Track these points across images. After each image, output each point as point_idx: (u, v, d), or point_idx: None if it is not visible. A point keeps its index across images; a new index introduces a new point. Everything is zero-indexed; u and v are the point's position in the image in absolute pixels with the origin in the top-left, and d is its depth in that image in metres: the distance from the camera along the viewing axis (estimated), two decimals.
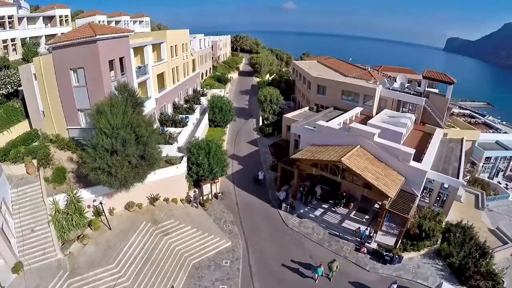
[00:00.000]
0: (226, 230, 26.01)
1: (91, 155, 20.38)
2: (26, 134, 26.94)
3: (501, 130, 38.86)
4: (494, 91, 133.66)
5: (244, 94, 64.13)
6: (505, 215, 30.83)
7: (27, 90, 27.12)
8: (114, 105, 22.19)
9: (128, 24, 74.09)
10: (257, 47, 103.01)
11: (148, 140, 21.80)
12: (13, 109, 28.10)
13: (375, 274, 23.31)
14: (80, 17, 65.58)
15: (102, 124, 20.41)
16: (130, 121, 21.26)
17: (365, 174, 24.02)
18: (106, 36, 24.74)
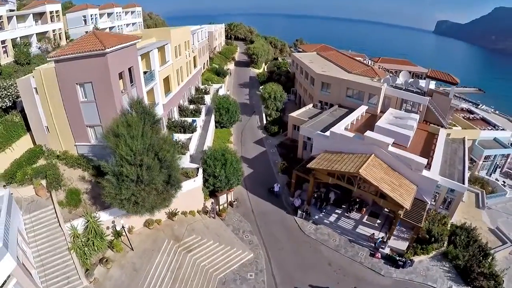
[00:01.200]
0: (246, 241, 26.76)
1: (114, 185, 19.99)
2: (31, 151, 25.96)
3: (499, 127, 40.34)
4: (484, 75, 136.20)
5: (243, 87, 63.25)
6: (503, 213, 32.86)
7: (27, 104, 25.88)
8: (130, 125, 21.55)
9: (120, 16, 71.22)
10: (251, 34, 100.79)
11: (172, 164, 21.59)
12: (13, 124, 26.85)
13: (390, 278, 24.84)
14: (71, 11, 62.42)
15: (123, 150, 19.83)
16: (152, 143, 20.90)
17: (382, 186, 24.93)
18: (115, 48, 23.50)
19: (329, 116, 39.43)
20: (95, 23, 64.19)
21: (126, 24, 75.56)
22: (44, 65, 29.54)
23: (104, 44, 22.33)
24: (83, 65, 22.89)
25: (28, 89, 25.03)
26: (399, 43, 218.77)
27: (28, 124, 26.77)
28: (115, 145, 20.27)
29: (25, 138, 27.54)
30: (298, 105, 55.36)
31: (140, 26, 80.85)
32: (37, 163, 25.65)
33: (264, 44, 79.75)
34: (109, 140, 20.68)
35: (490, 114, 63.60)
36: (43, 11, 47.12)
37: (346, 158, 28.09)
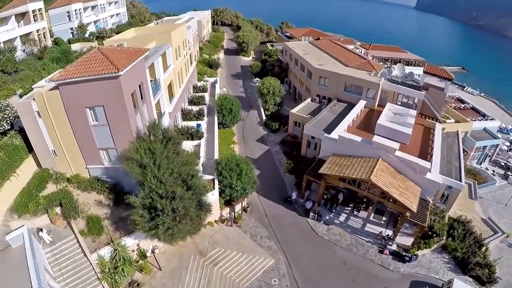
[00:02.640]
0: (265, 247, 28.15)
1: (146, 219, 20.11)
2: (38, 177, 25.10)
3: (488, 117, 42.82)
4: (467, 53, 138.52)
5: (236, 78, 62.44)
6: (493, 202, 35.93)
7: (30, 128, 24.63)
8: (154, 152, 21.45)
9: (104, 8, 67.35)
10: (237, 20, 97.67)
11: (200, 188, 21.95)
12: (14, 148, 25.58)
13: (398, 273, 27.26)
14: (54, 6, 58.28)
15: (153, 183, 19.82)
16: (179, 171, 21.06)
17: (391, 191, 26.63)
18: (127, 68, 22.30)
19: (330, 112, 40.37)
20: (80, 18, 60.79)
21: (110, 16, 71.75)
22: (42, 82, 28.12)
23: (116, 66, 21.21)
24: (92, 88, 21.78)
25: (29, 112, 23.72)
26: (381, 20, 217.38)
27: (29, 143, 25.56)
28: (141, 177, 20.26)
29: (28, 161, 26.51)
30: (293, 95, 55.84)
31: (124, 16, 76.87)
32: (46, 187, 25.01)
33: (252, 30, 78.14)
34: (133, 171, 20.54)
35: (475, 96, 67.15)
36: (25, 11, 43.92)
37: (356, 162, 29.44)
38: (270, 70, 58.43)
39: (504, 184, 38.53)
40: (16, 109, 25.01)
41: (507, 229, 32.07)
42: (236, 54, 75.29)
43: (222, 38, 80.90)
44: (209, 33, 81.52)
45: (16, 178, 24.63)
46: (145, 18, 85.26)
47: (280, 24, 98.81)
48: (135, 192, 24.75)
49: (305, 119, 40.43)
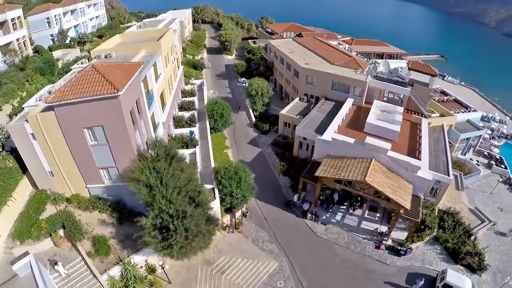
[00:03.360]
0: (267, 251, 28.87)
1: (158, 239, 20.29)
2: (36, 199, 24.75)
3: (471, 108, 44.72)
4: (445, 40, 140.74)
5: (221, 79, 62.05)
6: (478, 191, 37.89)
7: (24, 150, 24.24)
8: (159, 171, 21.64)
9: (83, 11, 65.45)
10: (217, 17, 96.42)
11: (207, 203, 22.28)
12: (8, 170, 25.08)
13: (395, 266, 28.62)
14: (33, 13, 56.19)
15: (162, 203, 20.01)
16: (186, 188, 21.34)
17: (386, 191, 27.77)
18: (126, 87, 22.21)
19: (319, 112, 41.14)
20: (60, 24, 58.97)
21: (90, 19, 69.88)
22: (31, 100, 27.57)
23: (115, 86, 20.99)
24: (90, 109, 21.44)
25: (23, 135, 23.36)
26: (359, 11, 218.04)
27: (22, 163, 25.09)
28: (149, 198, 20.39)
29: (23, 182, 26.14)
30: (279, 93, 56.24)
31: (103, 18, 74.83)
32: (45, 209, 24.73)
33: (234, 28, 77.47)
34: (141, 192, 20.65)
35: (456, 85, 69.54)
36: (3, 20, 42.26)
37: (350, 164, 30.40)
38: (255, 69, 58.56)
39: (488, 173, 40.61)
40: (8, 131, 24.53)
41: (493, 217, 34.07)
42: (219, 53, 74.70)
43: (204, 36, 79.90)
44: (191, 33, 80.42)
45: (13, 202, 24.29)
46: (124, 19, 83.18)
47: (260, 19, 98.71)
48: (139, 209, 25.21)
49: (295, 119, 41.12)
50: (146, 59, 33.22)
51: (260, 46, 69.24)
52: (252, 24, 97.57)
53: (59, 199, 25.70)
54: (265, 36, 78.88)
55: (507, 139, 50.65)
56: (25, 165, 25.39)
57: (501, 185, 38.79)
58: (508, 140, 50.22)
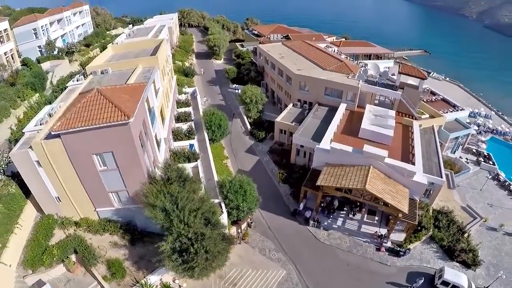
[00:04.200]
0: (275, 260, 29.86)
1: (178, 262, 20.83)
2: (44, 225, 24.80)
3: (459, 107, 46.62)
4: (427, 35, 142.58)
5: (212, 85, 62.12)
6: (469, 188, 39.79)
7: (29, 177, 24.22)
8: (173, 195, 21.99)
9: (70, 20, 64.29)
10: (203, 20, 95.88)
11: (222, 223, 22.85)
12: (11, 197, 25.06)
13: (395, 267, 30.13)
14: (18, 24, 55.04)
15: (180, 227, 20.56)
16: (201, 210, 21.89)
17: (385, 197, 29.12)
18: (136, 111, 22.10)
19: (314, 118, 42.13)
20: (47, 34, 57.81)
21: (76, 27, 68.66)
22: (31, 124, 27.21)
23: (126, 113, 20.97)
24: (99, 136, 21.47)
25: (28, 162, 23.29)
26: (340, 7, 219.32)
27: (25, 187, 24.97)
28: (167, 222, 20.85)
29: (28, 207, 26.13)
30: (271, 98, 56.78)
31: (89, 25, 73.55)
32: (54, 235, 24.91)
33: (221, 32, 77.37)
34: (157, 218, 21.08)
35: (441, 81, 71.76)
36: None
37: (349, 171, 31.57)
38: (246, 74, 58.87)
39: (477, 170, 42.60)
40: (11, 159, 24.15)
41: (483, 213, 36.01)
42: (208, 57, 74.50)
43: (191, 41, 79.48)
44: (178, 37, 79.96)
45: (20, 229, 24.33)
46: (110, 25, 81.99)
47: (246, 21, 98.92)
48: (150, 228, 25.78)
49: (290, 127, 42.06)
50: (145, 75, 33.35)
51: (248, 50, 69.50)
52: (238, 26, 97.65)
53: (67, 223, 25.80)
54: (252, 38, 79.09)
55: (493, 133, 53.01)
56: (28, 189, 25.29)
57: (490, 181, 40.78)
58: (494, 135, 52.56)
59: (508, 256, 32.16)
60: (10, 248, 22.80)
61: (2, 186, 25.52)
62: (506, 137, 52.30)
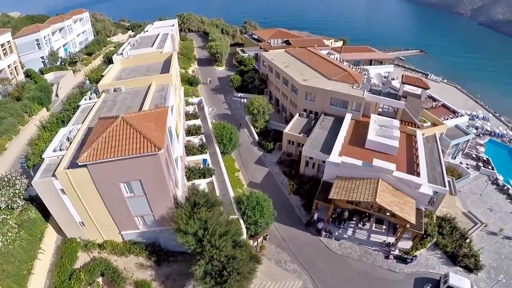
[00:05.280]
0: (291, 271, 31.48)
1: (211, 284, 22.03)
2: (68, 249, 25.39)
3: (458, 114, 48.31)
4: (422, 34, 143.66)
5: (217, 93, 62.77)
6: (469, 194, 41.69)
7: (52, 205, 24.75)
8: (202, 220, 23.12)
9: (71, 28, 64.13)
10: (203, 25, 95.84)
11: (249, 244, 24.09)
12: (32, 222, 25.72)
13: (403, 273, 31.97)
14: (21, 35, 54.69)
15: (213, 252, 21.89)
16: (230, 233, 23.12)
17: (394, 209, 30.73)
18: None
19: (321, 129, 43.51)
20: (50, 44, 57.68)
21: (77, 35, 68.50)
22: (49, 150, 27.00)
23: (156, 145, 21.44)
24: (127, 165, 21.98)
25: (51, 191, 23.74)
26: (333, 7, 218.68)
27: (44, 209, 25.40)
28: (198, 247, 22.11)
29: (49, 231, 26.69)
30: (275, 106, 57.60)
31: (90, 33, 73.42)
32: (78, 258, 25.60)
33: (222, 38, 77.68)
34: (189, 242, 22.35)
35: (439, 83, 73.45)
36: None
37: (359, 185, 33.09)
38: (250, 82, 59.68)
39: (477, 175, 44.56)
40: (34, 187, 24.18)
41: (484, 218, 38.01)
42: (209, 64, 74.78)
43: (192, 47, 79.65)
44: (179, 44, 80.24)
45: (43, 254, 24.98)
46: (110, 32, 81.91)
47: (244, 24, 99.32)
48: (174, 248, 26.97)
49: (298, 138, 43.45)
50: (160, 94, 34.34)
51: (250, 56, 70.20)
52: (237, 30, 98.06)
53: (91, 246, 26.56)
54: (252, 43, 79.58)
55: (491, 135, 54.95)
56: (47, 212, 25.61)
57: (489, 185, 42.73)
58: (492, 137, 54.51)
59: (507, 259, 34.21)
60: (36, 274, 23.51)
61: (22, 211, 26.11)
62: (504, 139, 54.30)
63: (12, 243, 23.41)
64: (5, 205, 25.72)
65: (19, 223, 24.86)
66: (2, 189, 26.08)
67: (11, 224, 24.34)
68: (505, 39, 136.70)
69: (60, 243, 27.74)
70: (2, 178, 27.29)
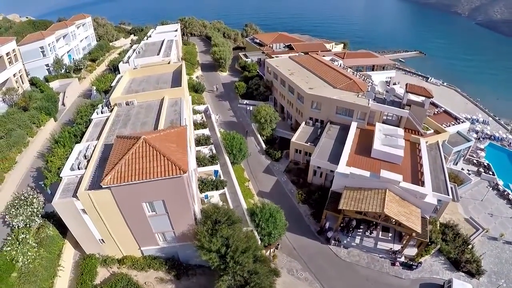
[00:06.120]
0: (303, 279, 32.81)
1: None
2: (88, 266, 26.02)
3: (460, 120, 49.61)
4: (421, 34, 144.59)
5: (222, 100, 63.37)
6: (471, 199, 43.19)
7: (72, 224, 25.45)
8: (224, 237, 24.17)
9: (74, 34, 64.11)
10: (205, 29, 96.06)
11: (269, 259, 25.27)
12: (51, 240, 26.42)
13: (409, 279, 33.44)
14: (25, 42, 54.72)
15: (236, 268, 23.07)
16: (251, 249, 24.29)
17: (401, 219, 32.11)
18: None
19: (327, 138, 44.64)
20: (55, 51, 57.81)
21: (80, 40, 68.65)
22: (66, 168, 27.02)
23: (181, 167, 22.03)
24: (151, 187, 22.57)
25: (72, 211, 24.36)
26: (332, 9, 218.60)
27: (61, 225, 26.08)
28: (222, 264, 23.25)
29: (67, 247, 27.47)
30: (280, 112, 58.09)
31: (92, 38, 73.52)
32: (98, 273, 26.45)
33: (225, 43, 78.04)
34: (213, 260, 23.46)
35: (439, 86, 74.71)
36: None
37: (368, 195, 34.39)
38: (255, 89, 60.36)
39: (478, 181, 46.08)
40: (54, 208, 24.76)
41: (485, 223, 39.58)
42: (213, 69, 75.11)
43: (195, 52, 79.94)
44: (182, 48, 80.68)
45: (63, 271, 25.87)
46: (113, 36, 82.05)
47: (245, 27, 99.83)
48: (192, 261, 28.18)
49: (306, 147, 44.61)
50: (174, 109, 35.12)
51: (253, 61, 70.76)
52: (239, 33, 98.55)
53: (110, 261, 27.44)
54: (254, 47, 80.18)
55: (491, 139, 56.42)
56: (64, 227, 26.33)
57: (489, 191, 44.24)
58: (492, 141, 56.00)
59: (508, 264, 35.84)
60: None
61: (40, 228, 26.86)
62: (503, 143, 55.81)
63: (32, 262, 24.14)
64: (23, 224, 26.40)
65: (38, 241, 25.51)
66: (20, 208, 26.66)
67: (31, 243, 24.99)
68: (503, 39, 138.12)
69: (79, 258, 28.69)
70: (19, 197, 27.75)
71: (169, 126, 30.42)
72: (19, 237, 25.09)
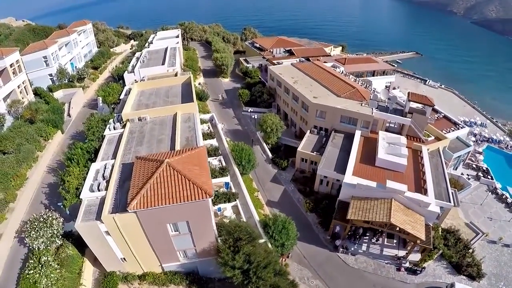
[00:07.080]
0: (313, 287, 34.54)
1: None
2: (110, 284, 26.93)
3: (459, 125, 51.29)
4: (417, 34, 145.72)
5: (226, 107, 64.10)
6: (470, 204, 45.10)
7: (95, 245, 26.27)
8: (246, 253, 25.48)
9: (76, 42, 64.29)
10: (205, 34, 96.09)
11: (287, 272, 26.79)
12: (71, 259, 27.18)
13: (413, 284, 35.31)
14: (27, 52, 54.57)
15: (260, 283, 24.51)
16: (272, 264, 25.67)
17: (407, 228, 33.83)
18: None
19: (332, 147, 46.09)
20: (58, 60, 57.81)
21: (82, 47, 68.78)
22: (86, 190, 27.37)
23: (206, 191, 23.02)
24: (176, 210, 23.55)
25: (95, 232, 25.18)
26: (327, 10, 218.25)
27: (80, 243, 26.83)
28: (245, 279, 24.65)
29: (86, 266, 28.38)
30: (283, 120, 58.78)
31: (93, 44, 73.56)
32: None
33: (226, 48, 78.49)
34: (236, 277, 24.81)
35: (437, 89, 76.31)
36: (2, 67, 41.93)
37: (374, 205, 36.01)
38: (258, 97, 61.21)
39: (477, 185, 47.98)
40: (78, 230, 25.54)
41: (485, 227, 41.51)
42: (215, 75, 75.45)
43: (196, 58, 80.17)
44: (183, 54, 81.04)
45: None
46: (113, 42, 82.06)
47: (244, 31, 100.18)
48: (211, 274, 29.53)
49: (312, 156, 45.99)
50: (188, 125, 36.24)
51: (254, 67, 71.49)
52: (238, 37, 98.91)
53: (131, 278, 28.57)
54: (253, 51, 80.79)
55: (489, 142, 58.29)
56: (83, 245, 27.07)
57: (488, 195, 46.16)
58: (489, 143, 57.87)
59: (506, 266, 37.84)
60: None
61: (60, 249, 27.81)
62: (501, 146, 57.73)
63: (56, 283, 25.09)
64: (44, 246, 27.03)
65: (59, 262, 26.38)
66: (40, 230, 27.15)
67: (53, 265, 25.90)
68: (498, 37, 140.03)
69: (98, 275, 29.69)
70: (38, 218, 28.19)
71: (187, 146, 31.37)
72: (41, 260, 25.87)
